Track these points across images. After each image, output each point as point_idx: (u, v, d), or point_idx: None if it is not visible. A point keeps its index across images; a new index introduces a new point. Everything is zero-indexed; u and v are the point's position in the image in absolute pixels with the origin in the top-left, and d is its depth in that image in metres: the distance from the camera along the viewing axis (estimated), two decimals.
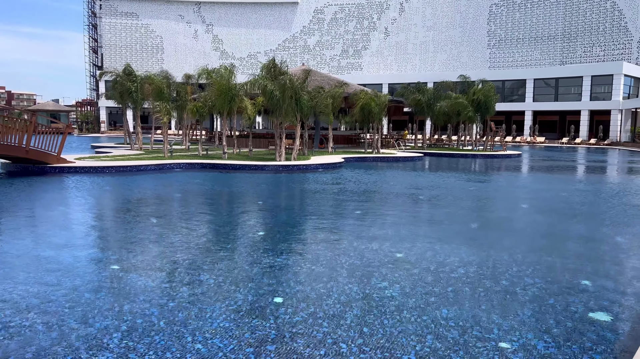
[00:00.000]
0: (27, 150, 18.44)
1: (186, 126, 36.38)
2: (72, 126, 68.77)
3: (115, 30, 72.61)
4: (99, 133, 69.10)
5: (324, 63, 72.38)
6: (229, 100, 24.76)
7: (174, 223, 10.82)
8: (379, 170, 23.76)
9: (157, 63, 71.72)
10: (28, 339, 4.76)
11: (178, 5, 73.46)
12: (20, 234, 9.44)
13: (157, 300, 5.87)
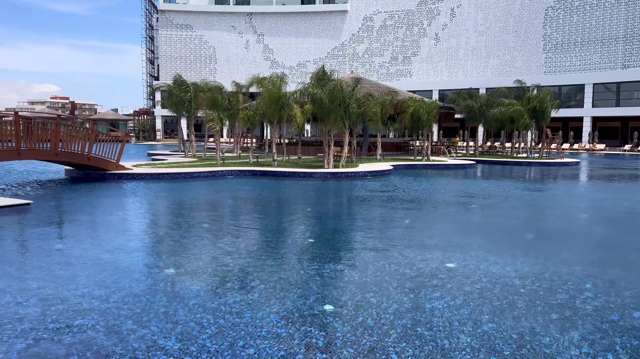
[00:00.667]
0: (89, 158, 19.37)
1: (237, 134, 37.17)
2: (130, 134, 71.77)
3: (170, 41, 75.33)
4: (154, 141, 71.73)
5: (373, 70, 72.20)
6: (279, 108, 25.12)
7: (225, 229, 11.04)
8: (429, 178, 23.38)
9: (210, 73, 73.81)
10: (90, 339, 4.97)
11: (230, 17, 75.40)
12: (83, 237, 9.90)
13: (209, 304, 6.00)
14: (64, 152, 18.65)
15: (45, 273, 7.15)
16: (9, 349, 4.68)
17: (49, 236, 9.94)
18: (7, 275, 7.09)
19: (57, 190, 17.21)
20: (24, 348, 4.73)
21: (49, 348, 4.74)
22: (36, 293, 6.26)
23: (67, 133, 19.18)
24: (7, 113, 25.26)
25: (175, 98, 32.77)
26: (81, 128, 20.80)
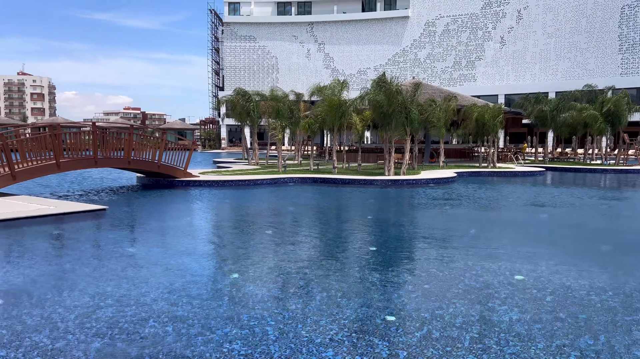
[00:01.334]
0: (158, 165, 20.27)
1: (298, 142, 37.67)
2: (197, 143, 74.54)
3: (235, 52, 77.72)
4: (220, 149, 74.09)
5: (435, 75, 70.98)
6: (339, 116, 25.21)
7: (287, 236, 11.17)
8: (495, 185, 22.59)
9: (273, 83, 75.40)
10: (160, 341, 5.15)
11: (292, 27, 76.78)
12: (153, 242, 10.35)
13: (272, 310, 6.06)
14: (136, 160, 19.62)
15: (119, 276, 7.51)
16: (87, 348, 4.94)
17: (123, 240, 10.46)
18: (84, 276, 7.52)
19: (129, 196, 18.12)
20: (100, 347, 4.97)
21: (123, 348, 4.96)
22: (111, 295, 6.59)
23: (138, 142, 20.17)
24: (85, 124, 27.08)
25: (239, 108, 33.73)
26: (151, 137, 21.83)
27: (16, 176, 15.56)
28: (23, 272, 7.74)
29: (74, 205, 13.62)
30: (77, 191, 18.94)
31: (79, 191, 18.96)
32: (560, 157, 40.77)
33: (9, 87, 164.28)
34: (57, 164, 16.78)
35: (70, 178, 23.58)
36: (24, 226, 11.39)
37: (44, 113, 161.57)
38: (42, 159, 16.63)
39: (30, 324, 5.51)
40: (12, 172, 15.38)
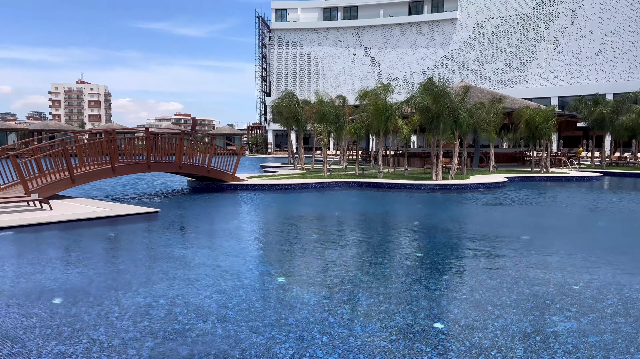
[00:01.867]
0: (208, 169, 20.77)
1: (344, 146, 37.66)
2: (244, 148, 75.91)
3: (282, 58, 78.73)
4: (266, 154, 75.15)
5: (485, 78, 69.32)
6: (385, 119, 25.04)
7: (333, 240, 11.17)
8: (548, 191, 21.78)
9: (318, 88, 75.80)
10: (210, 342, 5.25)
11: (338, 32, 77.02)
12: (203, 244, 10.59)
13: (318, 315, 6.07)
14: (187, 165, 20.18)
15: (170, 277, 7.72)
16: (140, 346, 5.10)
17: (174, 242, 10.76)
18: (138, 277, 7.78)
19: (180, 199, 18.64)
20: (153, 346, 5.12)
21: (174, 348, 5.09)
22: (163, 295, 6.78)
23: (189, 147, 20.74)
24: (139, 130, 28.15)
25: (285, 112, 34.11)
26: (201, 143, 22.40)
27: (75, 180, 16.32)
28: (81, 271, 8.10)
29: (128, 208, 14.14)
30: (130, 194, 19.67)
31: (132, 194, 19.68)
32: (618, 161, 38.85)
33: (68, 95, 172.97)
34: (113, 168, 17.49)
35: (123, 181, 24.52)
36: (82, 227, 11.92)
37: (100, 120, 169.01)
38: (98, 164, 17.37)
39: (88, 322, 5.74)
40: (72, 175, 16.14)
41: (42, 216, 12.31)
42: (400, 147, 45.05)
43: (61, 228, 11.56)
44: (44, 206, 13.59)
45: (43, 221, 11.70)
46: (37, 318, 5.86)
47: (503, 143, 43.32)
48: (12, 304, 6.34)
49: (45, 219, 11.91)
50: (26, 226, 11.35)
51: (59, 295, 6.75)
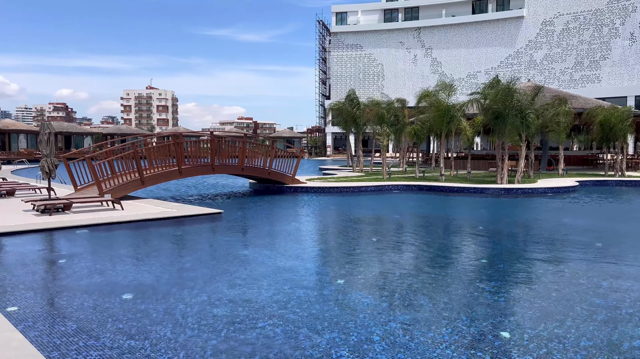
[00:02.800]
0: (269, 172, 21.15)
1: (403, 149, 37.18)
2: (304, 150, 76.70)
3: (341, 61, 78.96)
4: (325, 156, 75.57)
5: (553, 77, 66.26)
6: (447, 121, 24.49)
7: (393, 244, 11.03)
8: (624, 196, 20.47)
9: (378, 90, 75.43)
10: (271, 342, 5.32)
11: (399, 33, 76.27)
12: (265, 245, 10.77)
13: (378, 319, 5.99)
14: (249, 167, 20.64)
15: (233, 276, 7.91)
16: (204, 344, 5.25)
17: (237, 242, 11.03)
18: (202, 276, 8.02)
19: (242, 201, 19.09)
20: (216, 344, 5.25)
21: (236, 347, 5.19)
22: (226, 294, 6.95)
23: (251, 149, 21.21)
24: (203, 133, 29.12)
25: (345, 115, 34.13)
26: (262, 145, 22.84)
27: (145, 181, 17.10)
28: (149, 269, 8.46)
29: (193, 209, 14.65)
30: (194, 195, 20.37)
31: (196, 195, 20.37)
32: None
33: (138, 100, 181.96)
34: (180, 170, 18.18)
35: (187, 182, 25.43)
36: (150, 227, 12.46)
37: (167, 124, 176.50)
38: (166, 166, 18.12)
39: (155, 318, 5.98)
40: (142, 177, 16.93)
41: (114, 215, 12.99)
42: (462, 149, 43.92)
43: (132, 227, 12.14)
44: (116, 206, 14.33)
45: (115, 221, 12.34)
46: (109, 312, 6.17)
47: (573, 145, 41.19)
48: (87, 299, 6.71)
49: (118, 218, 12.55)
50: (100, 225, 12.01)
51: (129, 290, 7.08)
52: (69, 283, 7.67)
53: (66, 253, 9.82)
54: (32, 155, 54.10)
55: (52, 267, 8.65)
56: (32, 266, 8.50)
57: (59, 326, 5.69)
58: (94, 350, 5.03)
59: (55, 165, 14.07)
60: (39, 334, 5.39)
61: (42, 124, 14.22)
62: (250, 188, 22.96)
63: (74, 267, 8.51)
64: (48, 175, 14.05)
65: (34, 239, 10.72)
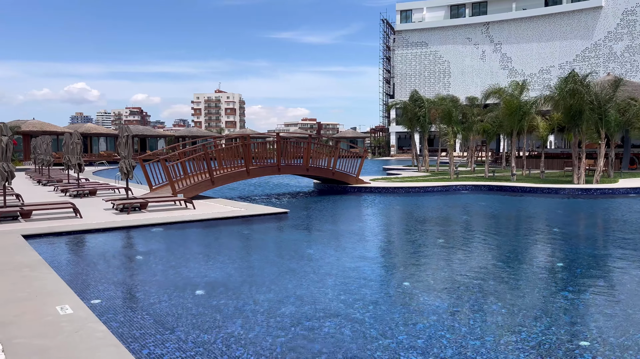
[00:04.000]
0: (333, 172, 21.24)
1: (471, 148, 36.08)
2: (367, 150, 76.35)
3: (406, 60, 77.90)
4: (389, 156, 74.86)
5: (636, 70, 61.85)
6: (518, 118, 23.50)
7: (462, 246, 10.72)
8: None
9: (444, 87, 73.70)
10: (338, 341, 5.33)
11: (466, 29, 74.15)
12: (330, 244, 10.82)
13: (448, 323, 5.84)
14: (314, 167, 20.84)
15: (299, 275, 8.00)
16: (273, 341, 5.34)
17: (303, 242, 11.15)
18: (270, 274, 8.18)
19: (307, 200, 19.29)
20: (285, 341, 5.33)
21: (304, 345, 5.24)
22: (293, 292, 7.04)
23: (315, 150, 21.40)
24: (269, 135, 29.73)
25: (409, 114, 33.64)
26: (326, 146, 22.96)
27: (215, 181, 17.70)
28: (220, 267, 8.74)
29: (260, 208, 14.98)
30: (260, 195, 20.83)
31: (262, 195, 20.82)
32: None
33: (208, 104, 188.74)
34: (247, 171, 18.66)
35: (253, 182, 26.04)
36: (220, 225, 12.87)
37: (235, 126, 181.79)
38: (234, 167, 18.66)
39: (226, 314, 6.16)
40: (212, 177, 17.53)
41: (186, 214, 13.54)
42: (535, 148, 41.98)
43: (203, 226, 12.60)
44: (188, 206, 14.93)
45: (188, 219, 12.86)
46: (183, 307, 6.43)
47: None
48: (163, 294, 7.03)
49: (190, 217, 13.07)
50: (174, 223, 12.56)
51: (201, 286, 7.34)
52: (146, 278, 8.08)
53: (143, 249, 10.35)
54: (111, 157, 57.53)
55: (131, 263, 9.14)
56: (112, 262, 9.03)
57: (137, 319, 6.00)
58: (170, 343, 5.25)
59: (132, 166, 14.87)
60: (119, 325, 5.71)
61: (121, 127, 15.07)
62: (315, 188, 23.15)
63: (150, 263, 8.95)
64: (126, 176, 14.87)
65: (114, 236, 11.39)
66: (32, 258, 8.22)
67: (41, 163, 27.74)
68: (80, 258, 9.50)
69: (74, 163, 19.10)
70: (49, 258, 8.61)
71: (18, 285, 6.64)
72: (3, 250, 8.86)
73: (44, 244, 10.13)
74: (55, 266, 8.01)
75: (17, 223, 12.00)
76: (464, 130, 30.99)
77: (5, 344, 4.60)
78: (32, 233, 10.71)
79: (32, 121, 54.68)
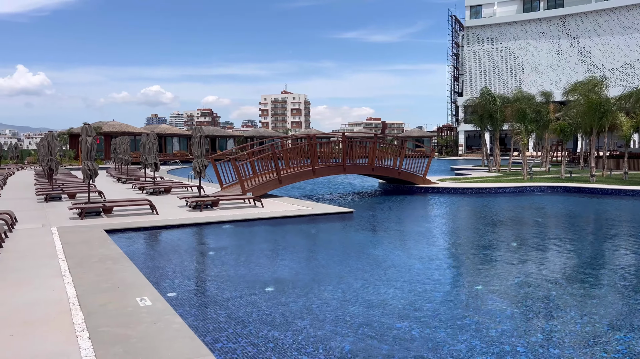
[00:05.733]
0: (399, 172, 20.96)
1: (546, 147, 34.37)
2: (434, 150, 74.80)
3: (475, 56, 75.51)
4: (456, 156, 72.90)
5: None
6: (599, 117, 22.11)
7: (537, 251, 10.23)
8: None
9: (516, 84, 70.69)
10: (408, 343, 5.24)
11: (540, 23, 70.77)
12: (397, 245, 10.69)
13: (522, 329, 5.59)
14: (379, 167, 20.67)
15: (367, 275, 7.95)
16: (342, 340, 5.34)
17: (369, 241, 11.09)
18: (337, 273, 8.19)
19: (372, 200, 19.17)
20: (354, 340, 5.31)
21: (374, 345, 5.19)
22: (360, 293, 7.01)
23: (380, 150, 21.21)
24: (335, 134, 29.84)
25: (480, 112, 32.58)
26: (391, 145, 22.70)
27: (282, 180, 18.00)
28: (288, 264, 8.86)
29: (326, 207, 15.06)
30: (325, 194, 20.93)
31: (327, 194, 20.92)
32: None
33: (274, 105, 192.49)
34: (313, 170, 18.82)
35: (318, 181, 26.20)
36: (287, 223, 13.07)
37: (300, 126, 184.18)
38: (301, 166, 18.88)
39: (295, 311, 6.24)
40: (279, 177, 17.85)
41: (255, 212, 13.86)
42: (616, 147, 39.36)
43: (271, 224, 12.85)
44: (256, 204, 15.28)
45: (257, 217, 13.16)
46: (254, 302, 6.57)
47: None
48: (234, 289, 7.23)
49: (258, 215, 13.37)
50: (244, 221, 12.90)
51: (270, 283, 7.48)
52: (218, 273, 8.35)
53: (215, 245, 10.70)
54: (183, 157, 60.05)
55: (203, 258, 9.48)
56: (186, 257, 9.41)
57: (210, 313, 6.20)
58: (242, 338, 5.39)
59: (205, 166, 15.42)
60: (194, 319, 5.93)
61: (195, 128, 15.68)
62: (380, 188, 22.96)
63: (222, 259, 9.24)
64: (199, 175, 15.45)
65: (187, 232, 11.87)
66: (114, 251, 8.72)
67: (120, 162, 29.44)
68: (157, 252, 9.97)
69: (151, 162, 20.10)
70: (128, 252, 9.10)
71: (102, 276, 7.07)
72: (88, 244, 9.47)
73: (124, 238, 10.73)
74: (134, 260, 8.45)
75: (100, 218, 12.79)
76: (538, 128, 29.56)
77: (91, 332, 4.90)
78: (113, 228, 11.37)
79: (112, 122, 58.19)
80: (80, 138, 14.03)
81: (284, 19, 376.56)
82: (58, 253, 8.58)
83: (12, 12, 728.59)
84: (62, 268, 7.52)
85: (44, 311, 5.55)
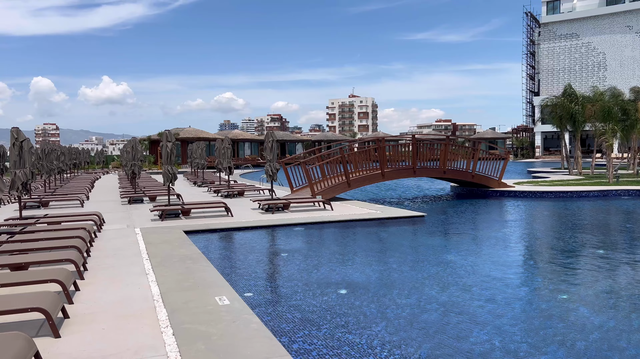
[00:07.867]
0: (472, 175, 20.32)
1: (634, 148, 31.98)
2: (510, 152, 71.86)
3: (552, 54, 71.82)
4: (533, 158, 69.58)
5: None
6: None
7: (627, 257, 9.53)
8: None
9: (599, 82, 66.42)
10: (487, 353, 5.05)
11: (626, 16, 66.10)
12: (472, 250, 10.35)
13: (614, 343, 5.22)
14: (451, 170, 20.14)
15: (440, 281, 7.77)
16: (418, 347, 5.24)
17: (442, 247, 10.83)
18: (409, 278, 8.07)
19: (444, 204, 18.71)
20: (430, 347, 5.20)
21: (452, 354, 5.06)
22: (435, 298, 6.85)
23: (452, 152, 20.67)
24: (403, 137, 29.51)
25: (560, 111, 30.95)
26: (463, 147, 22.05)
27: (351, 184, 18.02)
28: (359, 268, 8.84)
29: (396, 211, 14.88)
30: (394, 198, 20.68)
31: (396, 198, 20.66)
32: None
33: (342, 109, 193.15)
34: (382, 173, 18.68)
35: (387, 185, 25.93)
36: (357, 227, 13.04)
37: (367, 129, 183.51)
38: (369, 169, 18.80)
39: (369, 316, 6.20)
40: (348, 180, 17.88)
41: (325, 215, 13.96)
42: None
43: (340, 227, 12.89)
44: (326, 207, 15.38)
45: (327, 220, 13.25)
46: (328, 305, 6.61)
47: None
48: (307, 290, 7.31)
49: (328, 218, 13.46)
50: (314, 224, 13.03)
51: (343, 286, 7.49)
52: (291, 274, 8.48)
53: (287, 247, 10.89)
54: (255, 161, 61.72)
55: (277, 259, 9.68)
56: (261, 258, 9.64)
57: (285, 314, 6.31)
58: (317, 339, 5.43)
59: (276, 169, 15.75)
60: (270, 319, 6.06)
61: (267, 133, 16.06)
62: (452, 192, 22.37)
63: (295, 260, 9.38)
64: (271, 178, 15.80)
65: (261, 234, 12.17)
66: (193, 252, 9.11)
67: (196, 166, 30.71)
68: (233, 253, 10.30)
69: (225, 166, 20.82)
70: (206, 252, 9.47)
71: (183, 275, 7.40)
72: (169, 244, 9.95)
73: (201, 239, 11.18)
74: (212, 260, 8.77)
75: (179, 220, 13.41)
76: (624, 129, 27.58)
77: (175, 328, 5.14)
78: (191, 229, 11.88)
79: (188, 129, 60.90)
80: (160, 144, 14.80)
81: (353, 23, 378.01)
82: (142, 253, 9.09)
83: (101, 27, 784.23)
84: (146, 267, 7.95)
85: (131, 307, 5.90)
